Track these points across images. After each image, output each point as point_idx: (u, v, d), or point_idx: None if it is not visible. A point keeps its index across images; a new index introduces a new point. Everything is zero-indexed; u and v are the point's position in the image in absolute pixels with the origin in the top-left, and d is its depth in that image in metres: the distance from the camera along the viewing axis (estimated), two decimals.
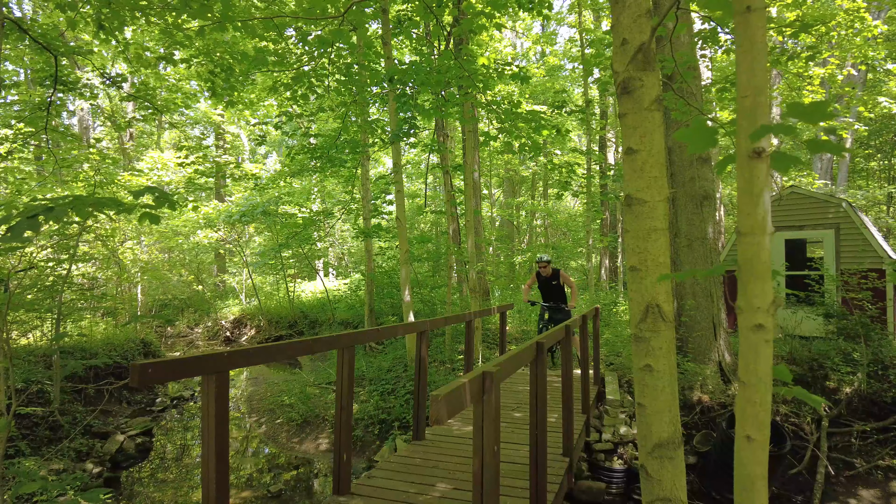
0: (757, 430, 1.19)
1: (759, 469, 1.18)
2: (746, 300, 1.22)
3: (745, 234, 1.22)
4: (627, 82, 2.48)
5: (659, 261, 2.39)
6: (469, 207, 9.98)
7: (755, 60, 1.21)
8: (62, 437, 7.09)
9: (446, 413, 1.72)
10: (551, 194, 24.40)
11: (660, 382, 2.39)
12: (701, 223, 7.83)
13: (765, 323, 1.21)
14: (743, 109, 1.24)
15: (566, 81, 22.57)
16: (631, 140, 2.44)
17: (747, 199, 1.24)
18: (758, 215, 1.23)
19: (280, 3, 8.56)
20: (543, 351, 3.07)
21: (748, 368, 1.21)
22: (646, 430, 2.41)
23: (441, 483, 3.72)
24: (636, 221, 2.45)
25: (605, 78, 7.53)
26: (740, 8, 1.22)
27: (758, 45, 1.22)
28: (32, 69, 12.20)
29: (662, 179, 2.47)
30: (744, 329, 1.24)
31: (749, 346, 1.22)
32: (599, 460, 6.44)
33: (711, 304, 7.78)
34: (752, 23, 1.21)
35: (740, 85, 1.25)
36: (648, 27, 2.51)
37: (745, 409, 1.21)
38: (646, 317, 2.37)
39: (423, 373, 4.85)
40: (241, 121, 23.15)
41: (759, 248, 1.22)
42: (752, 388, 1.20)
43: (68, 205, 2.43)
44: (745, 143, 1.23)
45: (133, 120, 12.07)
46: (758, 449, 1.18)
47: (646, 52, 2.50)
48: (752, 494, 1.20)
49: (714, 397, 7.22)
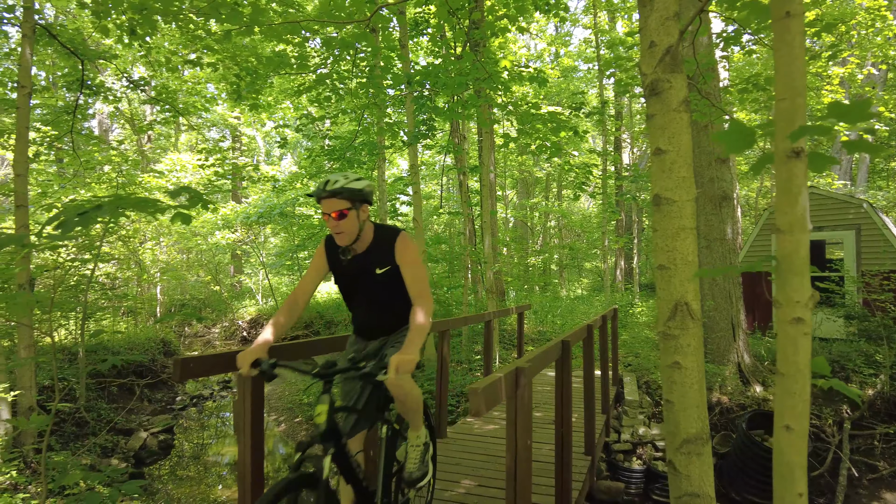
0: (796, 420, 1.23)
1: (799, 458, 1.22)
2: (785, 295, 1.27)
3: (783, 231, 1.27)
4: (655, 84, 2.52)
5: (688, 259, 2.42)
6: (486, 208, 10.03)
7: (794, 64, 1.26)
8: (87, 433, 7.24)
9: (484, 406, 1.78)
10: (566, 195, 24.38)
11: (688, 379, 2.42)
12: (720, 224, 7.81)
13: (803, 316, 1.25)
14: (781, 111, 1.29)
15: (580, 82, 22.55)
16: (659, 141, 2.48)
17: (785, 198, 1.28)
18: (796, 213, 1.27)
19: (297, 7, 8.68)
20: (570, 349, 3.11)
21: (787, 360, 1.25)
22: (674, 427, 2.45)
23: (465, 480, 3.78)
24: (665, 221, 2.48)
25: (626, 79, 7.54)
26: (779, 13, 1.26)
27: (796, 49, 1.26)
28: (57, 73, 12.42)
29: (690, 179, 2.50)
30: (782, 323, 1.29)
31: (787, 338, 1.26)
32: (618, 460, 6.46)
33: (730, 305, 7.76)
34: (791, 27, 1.25)
35: (778, 87, 1.29)
36: (676, 30, 2.55)
37: (783, 399, 1.25)
38: (674, 314, 2.40)
39: (445, 372, 4.91)
40: (258, 123, 23.42)
41: (797, 245, 1.26)
42: (791, 379, 1.24)
43: (113, 204, 2.51)
44: (784, 143, 1.28)
45: (153, 123, 12.28)
46: (797, 438, 1.23)
47: (674, 54, 2.54)
48: (791, 483, 1.24)
49: (733, 398, 7.20)
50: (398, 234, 2.54)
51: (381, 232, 2.58)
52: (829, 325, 8.69)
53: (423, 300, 2.41)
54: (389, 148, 12.37)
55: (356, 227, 2.44)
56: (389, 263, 2.53)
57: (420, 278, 2.47)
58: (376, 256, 2.55)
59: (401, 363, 1.98)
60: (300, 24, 4.56)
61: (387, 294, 2.58)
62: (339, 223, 2.39)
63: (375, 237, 2.57)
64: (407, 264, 2.49)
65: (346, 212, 2.37)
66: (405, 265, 2.50)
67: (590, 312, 12.88)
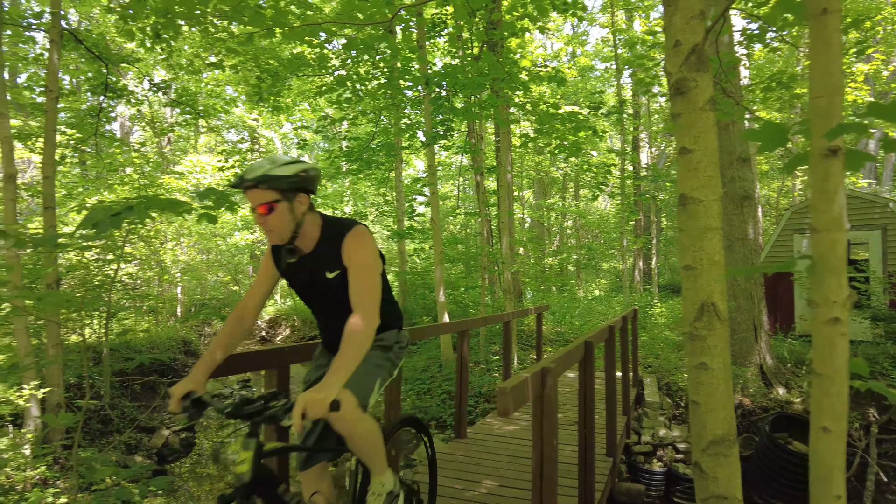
0: (833, 421, 1.22)
1: (837, 459, 1.21)
2: (822, 295, 1.25)
3: (820, 230, 1.26)
4: (681, 83, 2.50)
5: (714, 259, 2.40)
6: (503, 208, 10.01)
7: (831, 61, 1.25)
8: (112, 430, 7.37)
9: (512, 405, 1.78)
10: (584, 195, 24.24)
11: (714, 380, 2.39)
12: (741, 224, 7.72)
13: (840, 316, 1.24)
14: (817, 109, 1.28)
15: (597, 82, 22.42)
16: (685, 140, 2.45)
17: (822, 197, 1.27)
18: (833, 212, 1.26)
19: (315, 9, 8.76)
20: (593, 350, 3.10)
21: (824, 361, 1.24)
22: (700, 428, 2.43)
23: (487, 480, 3.78)
24: (691, 220, 2.46)
25: (648, 79, 7.49)
26: (816, 10, 1.25)
27: (833, 47, 1.25)
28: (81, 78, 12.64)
29: (717, 179, 2.48)
30: (818, 323, 1.27)
31: (824, 339, 1.25)
32: (639, 462, 6.41)
33: (752, 306, 7.66)
34: (828, 24, 1.24)
35: (814, 85, 1.28)
36: (702, 28, 2.53)
37: (821, 400, 1.24)
38: (701, 315, 2.38)
39: (465, 372, 4.92)
40: (276, 125, 23.62)
41: (834, 244, 1.25)
42: (828, 380, 1.23)
43: (142, 205, 2.57)
44: (820, 141, 1.27)
45: (174, 125, 12.46)
46: (835, 440, 1.21)
47: (699, 53, 2.52)
48: (829, 485, 1.23)
49: (755, 400, 7.10)
50: (349, 230, 2.05)
51: (330, 227, 2.10)
52: (855, 326, 8.54)
53: (363, 313, 1.89)
54: (407, 149, 12.42)
55: (289, 222, 1.97)
56: (339, 266, 2.05)
57: (367, 285, 1.97)
58: (325, 257, 2.08)
59: (309, 405, 1.55)
60: (321, 25, 4.60)
61: (346, 303, 2.01)
62: (266, 219, 1.93)
63: (323, 233, 2.09)
64: (354, 266, 2.00)
65: (275, 205, 1.92)
66: (352, 267, 2.01)
67: (608, 313, 12.80)
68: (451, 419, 7.54)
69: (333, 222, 2.12)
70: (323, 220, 2.11)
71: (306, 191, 2.01)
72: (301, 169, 1.95)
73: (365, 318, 1.88)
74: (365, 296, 1.95)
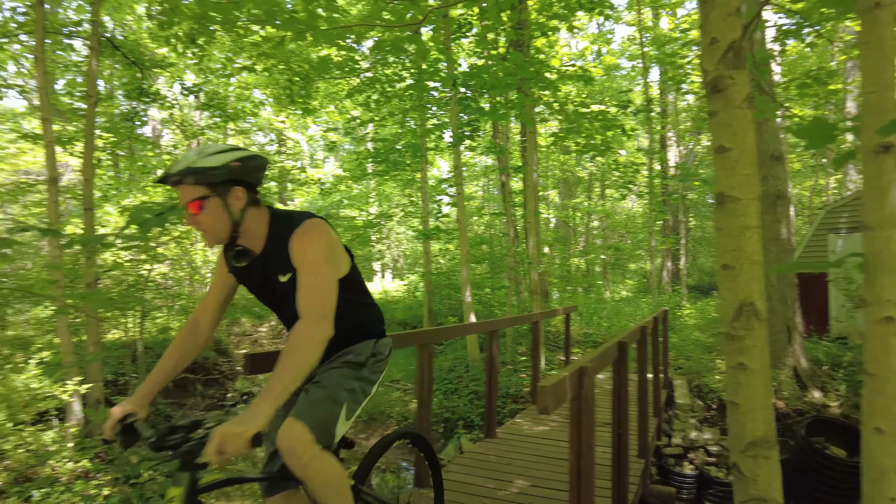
0: (888, 421, 1.20)
1: (892, 461, 1.19)
2: (874, 293, 1.24)
3: (872, 228, 1.24)
4: (718, 81, 2.48)
5: (752, 258, 2.36)
6: (530, 208, 9.98)
7: (883, 56, 1.23)
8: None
9: (552, 403, 1.79)
10: (610, 195, 24.02)
11: (753, 380, 2.36)
12: (774, 223, 7.56)
13: (894, 315, 1.22)
14: (869, 105, 1.26)
15: (623, 80, 22.17)
16: (722, 138, 2.43)
17: (874, 194, 1.25)
18: (885, 209, 1.24)
19: (341, 12, 8.87)
20: (627, 351, 3.08)
21: (877, 360, 1.23)
22: (739, 429, 2.39)
23: (518, 480, 3.78)
24: (728, 219, 2.43)
25: (679, 77, 7.40)
26: (867, 5, 1.24)
27: (886, 42, 1.23)
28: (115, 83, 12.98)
29: (754, 177, 2.44)
30: (871, 322, 1.26)
31: (877, 338, 1.23)
32: (669, 464, 6.33)
33: (786, 307, 7.50)
34: (880, 19, 1.22)
35: (866, 81, 1.26)
36: (739, 25, 2.50)
37: (873, 401, 1.22)
38: (739, 315, 2.35)
39: (494, 372, 4.92)
40: (302, 127, 23.91)
41: (887, 242, 1.23)
42: (881, 380, 1.21)
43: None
44: (872, 138, 1.25)
45: (204, 128, 12.73)
46: (889, 441, 1.20)
47: (737, 50, 2.48)
48: (882, 487, 1.21)
49: (790, 404, 6.96)
50: (297, 225, 1.73)
51: (278, 223, 1.79)
52: None
53: (309, 321, 1.59)
54: (433, 150, 12.46)
55: (224, 220, 1.68)
56: (291, 268, 1.74)
57: (315, 287, 1.65)
58: (275, 258, 1.78)
59: (225, 440, 1.27)
60: (352, 28, 4.67)
61: None
62: (197, 218, 1.65)
63: (271, 231, 1.79)
64: (301, 266, 1.69)
65: (204, 201, 1.63)
66: (299, 267, 1.69)
67: (636, 314, 12.65)
68: (478, 419, 7.55)
69: (282, 217, 1.80)
70: (271, 216, 1.80)
71: (244, 183, 1.71)
72: (233, 158, 1.66)
73: (310, 327, 1.57)
74: (312, 300, 1.63)
